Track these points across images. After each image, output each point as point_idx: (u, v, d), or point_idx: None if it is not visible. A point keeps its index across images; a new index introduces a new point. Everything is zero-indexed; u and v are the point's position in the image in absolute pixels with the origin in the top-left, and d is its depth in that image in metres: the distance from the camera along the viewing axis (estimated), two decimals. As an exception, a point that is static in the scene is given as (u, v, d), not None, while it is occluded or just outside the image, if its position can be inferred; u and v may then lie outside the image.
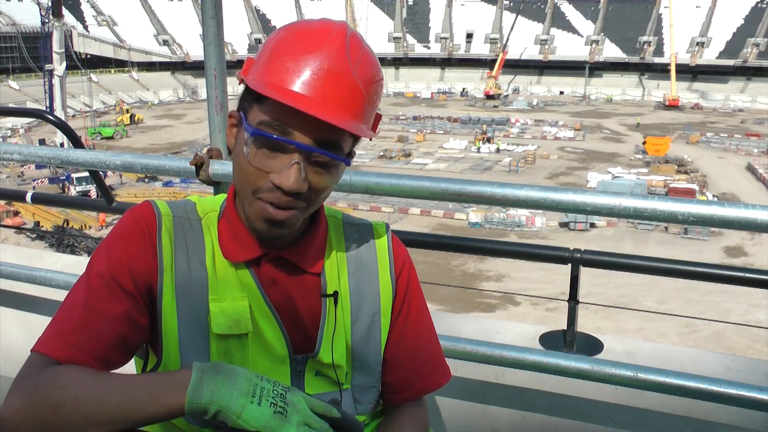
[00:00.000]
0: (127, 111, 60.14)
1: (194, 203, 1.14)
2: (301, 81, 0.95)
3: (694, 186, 35.76)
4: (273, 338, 1.07)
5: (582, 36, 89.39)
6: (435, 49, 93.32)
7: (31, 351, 0.98)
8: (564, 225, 30.87)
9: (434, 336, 1.25)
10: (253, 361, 1.06)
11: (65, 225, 29.35)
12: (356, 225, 1.21)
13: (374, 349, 1.16)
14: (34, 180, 36.62)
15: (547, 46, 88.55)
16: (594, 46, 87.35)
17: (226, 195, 1.15)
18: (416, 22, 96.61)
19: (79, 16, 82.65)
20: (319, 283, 1.12)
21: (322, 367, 1.11)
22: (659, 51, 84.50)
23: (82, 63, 68.82)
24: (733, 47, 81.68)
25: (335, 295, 1.11)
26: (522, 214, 30.74)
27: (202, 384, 0.88)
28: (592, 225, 30.66)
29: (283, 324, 1.08)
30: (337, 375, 1.11)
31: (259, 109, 0.98)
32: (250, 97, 1.01)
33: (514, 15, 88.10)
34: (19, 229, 32.54)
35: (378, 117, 1.08)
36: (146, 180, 37.66)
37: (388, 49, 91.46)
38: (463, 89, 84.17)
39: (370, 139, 1.07)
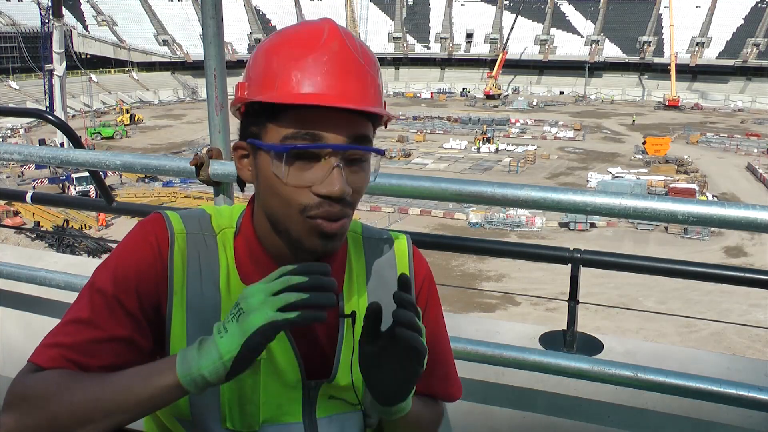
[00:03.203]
0: (127, 111, 60.15)
1: (209, 215, 1.07)
2: (316, 82, 0.92)
3: (694, 186, 35.76)
4: (286, 364, 1.03)
5: (582, 36, 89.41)
6: (435, 49, 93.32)
7: (27, 361, 0.95)
8: (564, 225, 30.87)
9: (449, 352, 1.23)
10: (264, 387, 1.02)
11: (65, 225, 29.35)
12: (376, 239, 1.16)
13: None
14: (34, 180, 36.62)
15: (547, 46, 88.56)
16: (594, 46, 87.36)
17: (242, 208, 1.09)
18: (416, 22, 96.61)
19: (79, 16, 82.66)
20: (337, 303, 1.09)
21: (336, 390, 1.07)
22: (659, 51, 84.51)
23: (82, 63, 68.93)
24: (733, 47, 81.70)
25: (353, 315, 1.06)
26: (522, 214, 30.74)
27: (187, 357, 0.87)
28: (592, 225, 30.67)
29: (299, 349, 1.04)
30: (357, 395, 1.07)
31: (278, 125, 0.94)
32: (259, 119, 0.96)
33: (514, 15, 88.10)
34: (19, 229, 32.56)
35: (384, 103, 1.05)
36: (146, 180, 37.66)
37: (388, 49, 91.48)
38: (463, 89, 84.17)
39: (385, 127, 1.04)
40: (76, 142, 2.61)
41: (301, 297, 0.85)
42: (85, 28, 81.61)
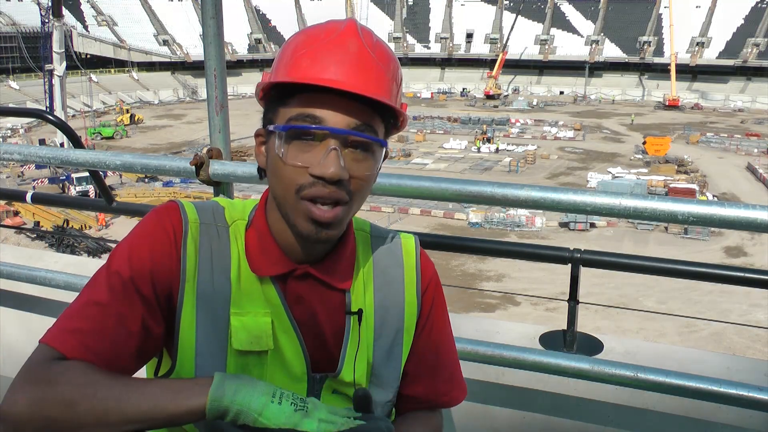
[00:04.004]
0: (127, 111, 60.15)
1: (223, 207, 1.10)
2: (322, 67, 0.95)
3: (694, 186, 35.76)
4: (293, 357, 1.05)
5: (582, 36, 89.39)
6: (435, 49, 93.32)
7: (39, 342, 0.95)
8: (564, 225, 30.87)
9: (454, 353, 1.24)
10: (270, 378, 1.04)
11: (65, 225, 29.36)
12: (384, 238, 1.18)
13: (394, 366, 1.14)
14: (34, 180, 36.61)
15: (547, 46, 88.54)
16: (594, 46, 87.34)
17: (255, 202, 1.12)
18: (416, 22, 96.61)
19: (79, 16, 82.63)
20: (344, 300, 1.09)
21: (340, 385, 1.08)
22: (659, 51, 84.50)
23: (82, 63, 68.90)
24: (733, 47, 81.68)
25: (359, 312, 1.08)
26: (522, 214, 30.73)
27: (224, 386, 0.88)
28: (592, 225, 30.67)
29: (305, 342, 1.06)
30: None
31: (286, 108, 0.98)
32: (273, 105, 1.00)
33: (514, 15, 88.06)
34: (19, 229, 32.57)
35: (404, 106, 1.06)
36: (146, 180, 37.66)
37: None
38: (463, 89, 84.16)
39: (400, 126, 1.05)
40: (76, 142, 2.61)
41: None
42: (85, 28, 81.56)
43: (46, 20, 49.70)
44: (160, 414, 0.88)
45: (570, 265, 1.96)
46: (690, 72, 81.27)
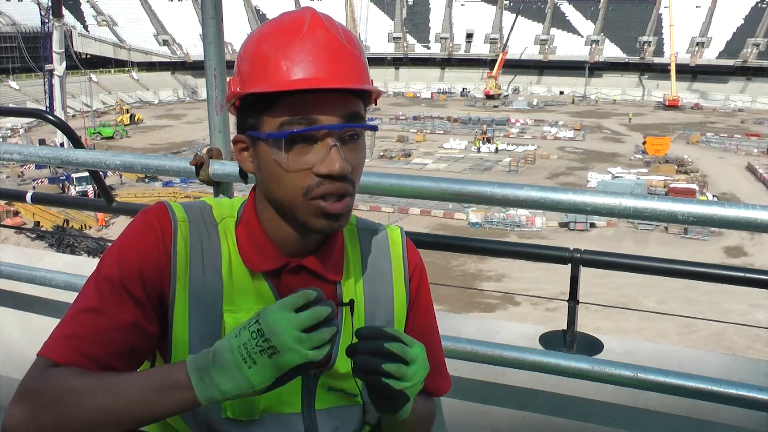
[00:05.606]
0: (127, 111, 60.14)
1: (210, 206, 1.10)
2: (306, 67, 0.95)
3: (694, 186, 35.75)
4: None
5: (582, 36, 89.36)
6: (435, 49, 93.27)
7: (36, 355, 0.97)
8: (564, 225, 30.85)
9: (439, 343, 1.25)
10: None
11: (65, 225, 29.35)
12: (370, 230, 1.20)
13: None
14: (34, 180, 36.61)
15: (547, 46, 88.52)
16: (594, 46, 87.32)
17: (242, 199, 1.12)
18: (416, 22, 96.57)
19: (79, 16, 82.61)
20: (335, 292, 1.11)
21: (334, 380, 1.09)
22: (659, 51, 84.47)
23: (82, 63, 68.85)
24: (733, 47, 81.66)
25: (351, 303, 1.07)
26: (522, 214, 30.73)
27: (203, 377, 0.88)
28: (592, 225, 30.65)
29: None
30: (356, 384, 1.08)
31: (273, 114, 0.97)
32: (254, 111, 1.00)
33: (514, 15, 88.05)
34: (19, 229, 32.55)
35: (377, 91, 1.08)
36: (146, 180, 37.65)
37: (388, 49, 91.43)
38: (463, 89, 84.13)
39: (375, 104, 1.07)
40: (76, 142, 2.61)
41: (332, 332, 0.89)
42: (85, 28, 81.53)
43: (46, 20, 49.67)
44: (152, 413, 0.89)
45: (570, 265, 1.96)
46: (690, 72, 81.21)
